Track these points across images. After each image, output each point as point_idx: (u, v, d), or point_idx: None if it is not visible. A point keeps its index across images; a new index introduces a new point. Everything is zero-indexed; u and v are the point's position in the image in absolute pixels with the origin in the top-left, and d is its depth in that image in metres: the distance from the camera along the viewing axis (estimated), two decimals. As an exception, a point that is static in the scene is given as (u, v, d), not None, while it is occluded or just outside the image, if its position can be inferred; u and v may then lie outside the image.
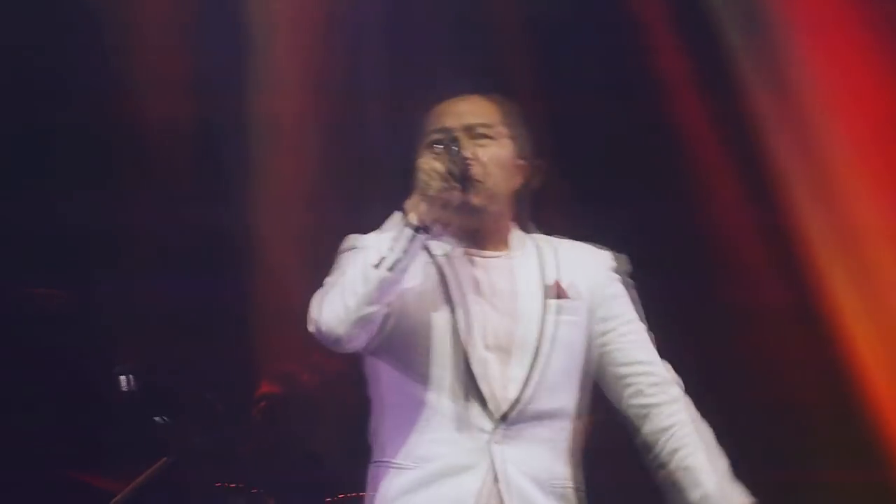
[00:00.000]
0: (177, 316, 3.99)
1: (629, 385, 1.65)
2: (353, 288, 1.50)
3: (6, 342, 3.71)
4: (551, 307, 1.61)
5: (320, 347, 1.58)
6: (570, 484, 1.63)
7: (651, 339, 1.69)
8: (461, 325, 1.58)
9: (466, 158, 1.55)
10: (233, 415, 3.73)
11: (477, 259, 1.65)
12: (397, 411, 1.62)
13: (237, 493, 3.61)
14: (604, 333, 1.65)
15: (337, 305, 1.51)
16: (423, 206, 1.50)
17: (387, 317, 1.54)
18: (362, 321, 1.51)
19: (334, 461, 3.82)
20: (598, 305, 1.66)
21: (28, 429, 3.55)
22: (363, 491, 3.52)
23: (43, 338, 3.80)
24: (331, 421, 3.95)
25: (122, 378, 3.63)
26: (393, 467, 1.61)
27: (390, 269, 1.48)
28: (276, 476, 3.70)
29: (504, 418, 1.57)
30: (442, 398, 1.58)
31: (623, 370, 1.65)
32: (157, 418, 3.52)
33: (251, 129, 4.01)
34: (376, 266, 1.48)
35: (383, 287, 1.49)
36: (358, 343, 1.56)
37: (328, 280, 1.59)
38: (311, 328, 1.57)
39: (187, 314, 3.99)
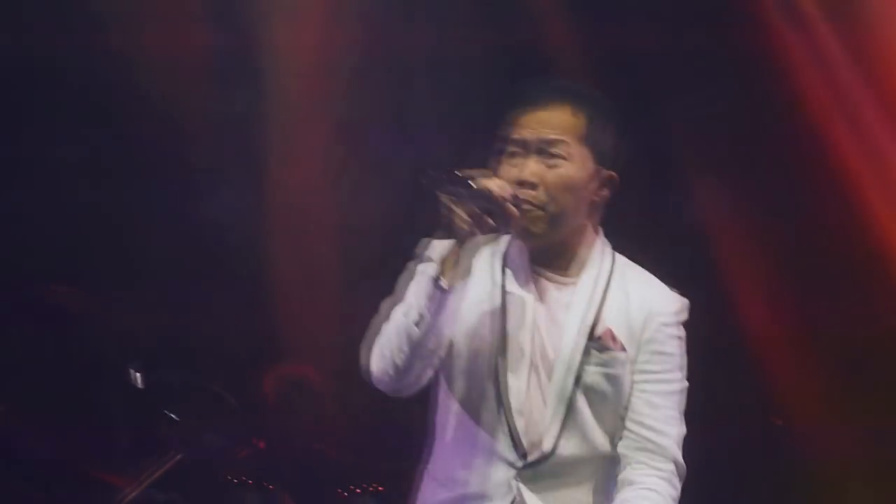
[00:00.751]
0: (190, 311, 3.98)
1: (631, 435, 1.60)
2: (399, 346, 1.51)
3: (24, 339, 3.72)
4: (595, 359, 1.58)
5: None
6: None
7: (684, 397, 1.64)
8: (511, 358, 1.58)
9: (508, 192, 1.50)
10: (247, 410, 3.72)
11: (545, 284, 1.62)
12: (441, 428, 1.64)
13: (252, 489, 3.60)
14: (638, 382, 1.61)
15: (385, 362, 1.53)
16: (453, 255, 1.49)
17: (447, 345, 1.57)
18: (413, 371, 1.53)
19: (345, 456, 3.81)
20: (645, 356, 1.61)
21: (43, 425, 3.55)
22: (373, 484, 3.56)
23: (60, 335, 3.80)
24: (340, 417, 3.94)
25: (136, 374, 3.62)
26: (430, 478, 1.65)
27: (431, 330, 1.49)
28: (290, 471, 3.69)
29: (533, 461, 1.57)
30: (478, 426, 1.59)
31: (634, 421, 1.61)
32: (170, 414, 3.51)
33: (260, 119, 3.99)
34: (416, 324, 1.49)
35: (428, 343, 1.51)
36: (418, 384, 1.58)
37: (378, 328, 1.58)
38: (368, 378, 1.59)
39: (201, 309, 3.98)
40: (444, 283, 1.48)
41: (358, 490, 3.61)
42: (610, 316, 1.60)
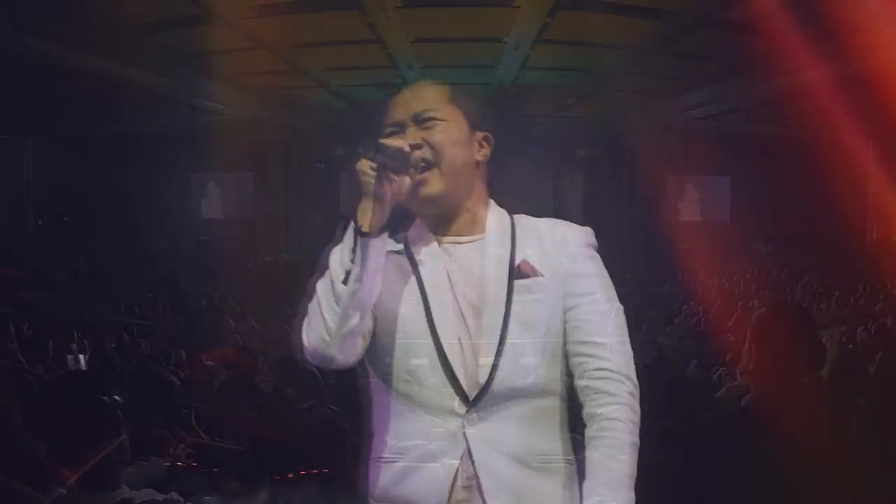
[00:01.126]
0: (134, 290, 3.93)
1: (578, 364, 1.68)
2: (330, 308, 1.58)
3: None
4: (518, 288, 1.67)
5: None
6: (554, 458, 1.66)
7: (620, 318, 1.70)
8: (436, 317, 1.65)
9: (408, 147, 1.61)
10: (189, 393, 3.69)
11: (451, 247, 1.72)
12: (383, 408, 1.70)
13: (195, 473, 3.58)
14: (569, 309, 1.69)
15: (320, 329, 1.60)
16: (369, 209, 1.58)
17: (375, 322, 1.64)
18: (346, 336, 1.60)
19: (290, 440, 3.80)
20: (567, 281, 1.70)
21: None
22: (306, 469, 3.57)
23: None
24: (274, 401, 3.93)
25: (78, 356, 3.58)
26: (380, 461, 1.69)
27: (358, 280, 1.57)
28: (235, 455, 3.68)
29: (476, 402, 1.63)
30: (419, 389, 1.65)
31: (577, 348, 1.68)
32: (115, 397, 3.47)
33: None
34: (344, 282, 1.57)
35: (356, 298, 1.58)
36: (350, 358, 1.64)
37: (308, 304, 1.64)
38: (302, 355, 1.64)
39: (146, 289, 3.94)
40: (363, 228, 1.57)
41: (303, 473, 3.60)
42: (525, 252, 1.71)
